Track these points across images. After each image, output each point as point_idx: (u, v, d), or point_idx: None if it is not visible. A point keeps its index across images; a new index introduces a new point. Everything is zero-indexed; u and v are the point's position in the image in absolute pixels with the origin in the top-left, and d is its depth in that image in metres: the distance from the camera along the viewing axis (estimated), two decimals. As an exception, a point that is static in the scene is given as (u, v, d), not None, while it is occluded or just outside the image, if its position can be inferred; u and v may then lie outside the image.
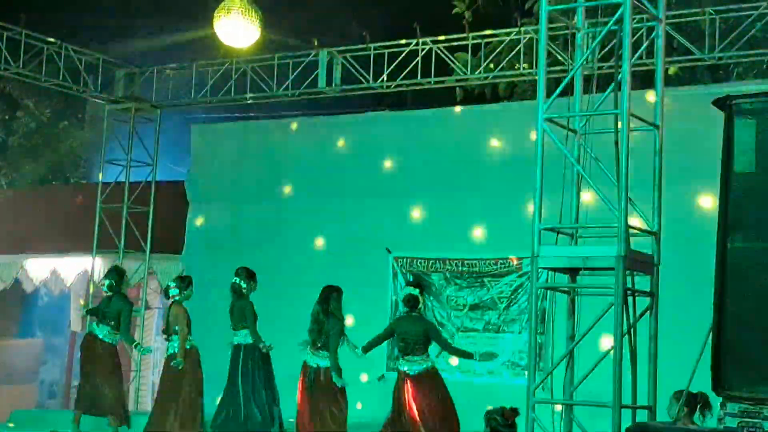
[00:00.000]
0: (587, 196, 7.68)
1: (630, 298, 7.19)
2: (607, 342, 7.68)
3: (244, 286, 10.69)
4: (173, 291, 10.91)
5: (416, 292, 10.00)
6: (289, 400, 10.34)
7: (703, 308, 6.46)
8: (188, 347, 10.64)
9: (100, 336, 11.05)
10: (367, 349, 10.06)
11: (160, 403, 10.83)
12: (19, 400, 16.25)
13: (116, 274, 11.40)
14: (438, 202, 12.75)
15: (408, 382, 9.73)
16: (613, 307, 6.89)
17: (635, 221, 7.13)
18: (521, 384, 10.78)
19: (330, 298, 10.16)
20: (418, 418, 9.58)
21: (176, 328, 10.68)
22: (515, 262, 12.06)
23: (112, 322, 11.03)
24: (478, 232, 12.45)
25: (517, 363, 12.04)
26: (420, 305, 10.00)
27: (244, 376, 10.54)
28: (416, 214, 12.87)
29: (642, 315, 7.27)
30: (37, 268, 16.00)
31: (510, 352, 12.16)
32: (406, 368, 9.77)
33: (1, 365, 17.16)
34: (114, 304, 11.07)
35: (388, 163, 13.11)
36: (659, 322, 7.34)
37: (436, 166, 12.71)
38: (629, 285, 7.12)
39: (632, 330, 7.22)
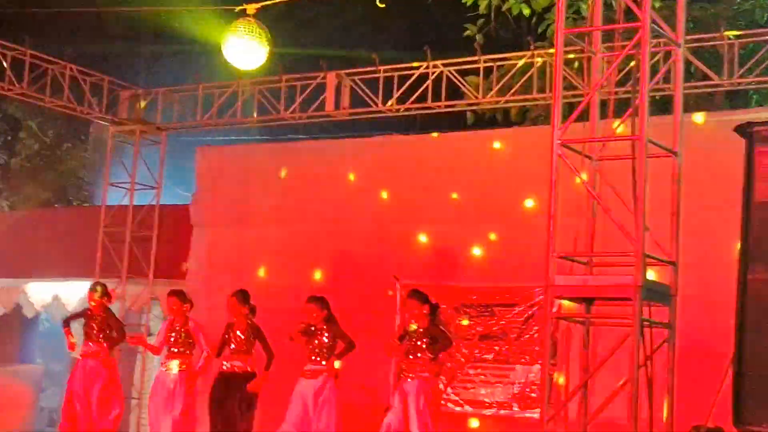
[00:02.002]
0: (603, 224, 7.59)
1: (647, 329, 7.10)
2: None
3: None
4: None
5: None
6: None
7: (721, 340, 6.38)
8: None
9: None
10: None
11: None
12: (19, 427, 16.18)
13: None
14: (446, 229, 12.68)
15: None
16: (629, 338, 6.81)
17: (653, 250, 7.04)
18: (533, 417, 10.74)
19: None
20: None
21: None
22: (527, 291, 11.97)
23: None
24: (489, 260, 12.35)
25: (528, 395, 11.93)
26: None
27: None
28: (423, 240, 12.79)
29: (659, 347, 7.17)
30: (39, 293, 15.95)
31: (521, 384, 12.05)
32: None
33: (0, 391, 17.08)
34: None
35: (395, 189, 13.04)
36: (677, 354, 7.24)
37: (443, 191, 12.67)
38: (646, 315, 7.04)
39: (649, 362, 7.12)
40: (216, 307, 12.28)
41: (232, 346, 11.16)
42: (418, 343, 10.06)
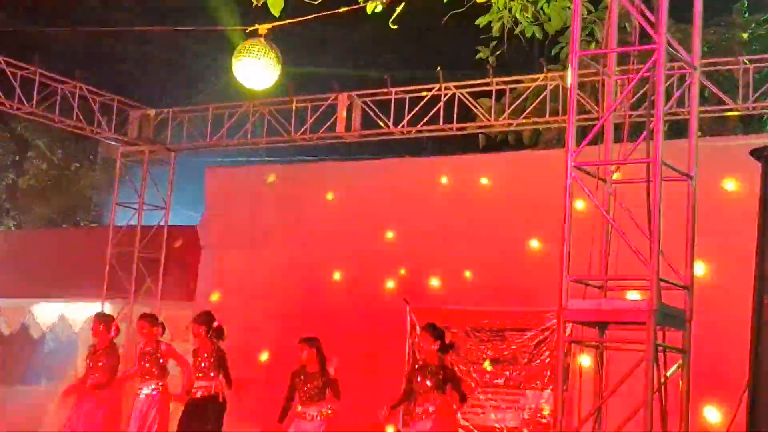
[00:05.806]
0: (617, 247, 7.58)
1: (660, 354, 7.08)
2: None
3: None
4: None
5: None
6: None
7: (736, 366, 6.37)
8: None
9: None
10: None
11: None
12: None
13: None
14: (456, 252, 12.68)
15: None
16: (643, 363, 6.78)
17: (667, 274, 7.02)
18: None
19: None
20: None
21: None
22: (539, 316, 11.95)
23: None
24: (500, 284, 12.33)
25: (539, 420, 11.89)
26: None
27: None
28: (432, 262, 12.79)
29: (673, 372, 7.15)
30: (45, 313, 15.98)
31: (531, 410, 12.00)
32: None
33: (3, 414, 17.06)
34: None
35: (402, 209, 13.07)
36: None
37: (455, 214, 12.67)
38: (660, 340, 7.01)
39: (663, 387, 7.10)
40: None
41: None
42: (426, 381, 10.01)
